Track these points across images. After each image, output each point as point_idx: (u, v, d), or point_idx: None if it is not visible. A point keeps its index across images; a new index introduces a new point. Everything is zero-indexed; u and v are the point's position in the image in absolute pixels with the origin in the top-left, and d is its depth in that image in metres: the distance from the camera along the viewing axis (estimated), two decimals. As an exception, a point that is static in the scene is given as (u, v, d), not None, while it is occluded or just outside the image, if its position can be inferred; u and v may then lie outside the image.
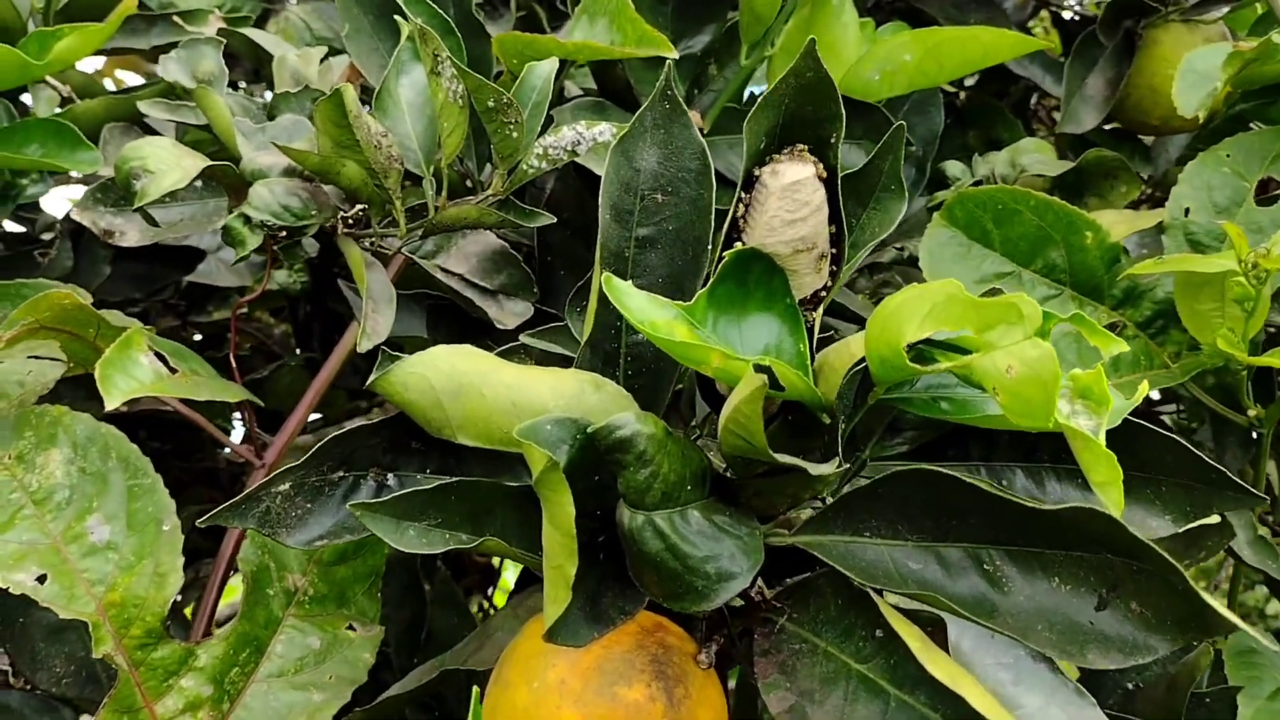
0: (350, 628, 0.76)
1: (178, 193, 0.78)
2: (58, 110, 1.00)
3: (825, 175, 0.57)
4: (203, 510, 0.62)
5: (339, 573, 0.77)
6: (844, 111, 0.57)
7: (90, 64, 1.26)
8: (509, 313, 0.78)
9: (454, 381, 0.61)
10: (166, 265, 1.05)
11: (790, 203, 0.56)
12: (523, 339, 0.77)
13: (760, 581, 0.71)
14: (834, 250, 0.59)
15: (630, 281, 0.64)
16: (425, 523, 0.59)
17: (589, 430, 0.53)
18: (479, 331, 0.82)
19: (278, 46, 0.88)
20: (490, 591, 1.54)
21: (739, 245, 0.58)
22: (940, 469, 0.53)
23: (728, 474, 0.58)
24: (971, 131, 1.17)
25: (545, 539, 0.55)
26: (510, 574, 1.68)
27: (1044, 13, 1.56)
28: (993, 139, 1.15)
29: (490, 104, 0.64)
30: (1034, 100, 1.52)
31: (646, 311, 0.56)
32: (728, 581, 0.54)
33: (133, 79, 1.38)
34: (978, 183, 1.00)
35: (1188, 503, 0.64)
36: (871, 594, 0.54)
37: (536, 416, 0.57)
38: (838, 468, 0.54)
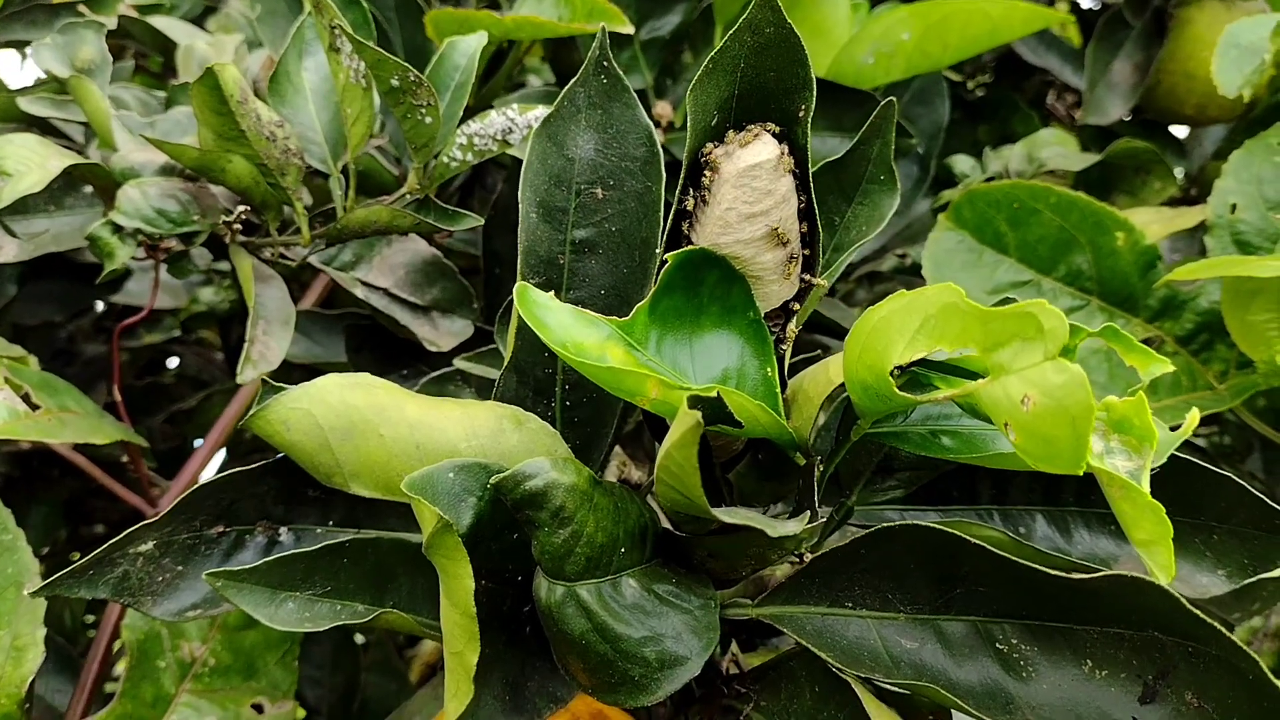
0: (258, 706, 0.65)
1: (63, 200, 0.68)
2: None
3: (793, 159, 0.46)
4: None
5: (247, 639, 0.67)
6: (815, 80, 0.46)
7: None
8: (444, 332, 0.67)
9: (345, 419, 0.50)
10: (87, 284, 0.94)
11: (749, 192, 0.45)
12: (457, 363, 0.66)
13: (735, 649, 0.60)
14: (806, 252, 0.48)
15: (565, 294, 0.53)
16: (309, 592, 0.49)
17: (493, 479, 0.42)
18: (410, 354, 0.71)
19: (186, 35, 0.78)
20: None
21: (688, 246, 0.47)
22: (937, 526, 0.41)
23: (676, 530, 0.47)
24: (982, 125, 1.06)
25: (443, 619, 0.44)
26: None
27: (1060, 5, 1.45)
28: (1007, 134, 1.04)
29: (394, 83, 0.54)
30: (1051, 98, 1.41)
31: (570, 331, 0.45)
32: (673, 669, 0.43)
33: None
34: (989, 180, 0.88)
35: (1245, 554, 0.53)
36: (853, 684, 0.43)
37: (445, 460, 0.46)
38: (809, 523, 0.43)
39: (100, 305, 0.98)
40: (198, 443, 1.14)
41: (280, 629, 0.47)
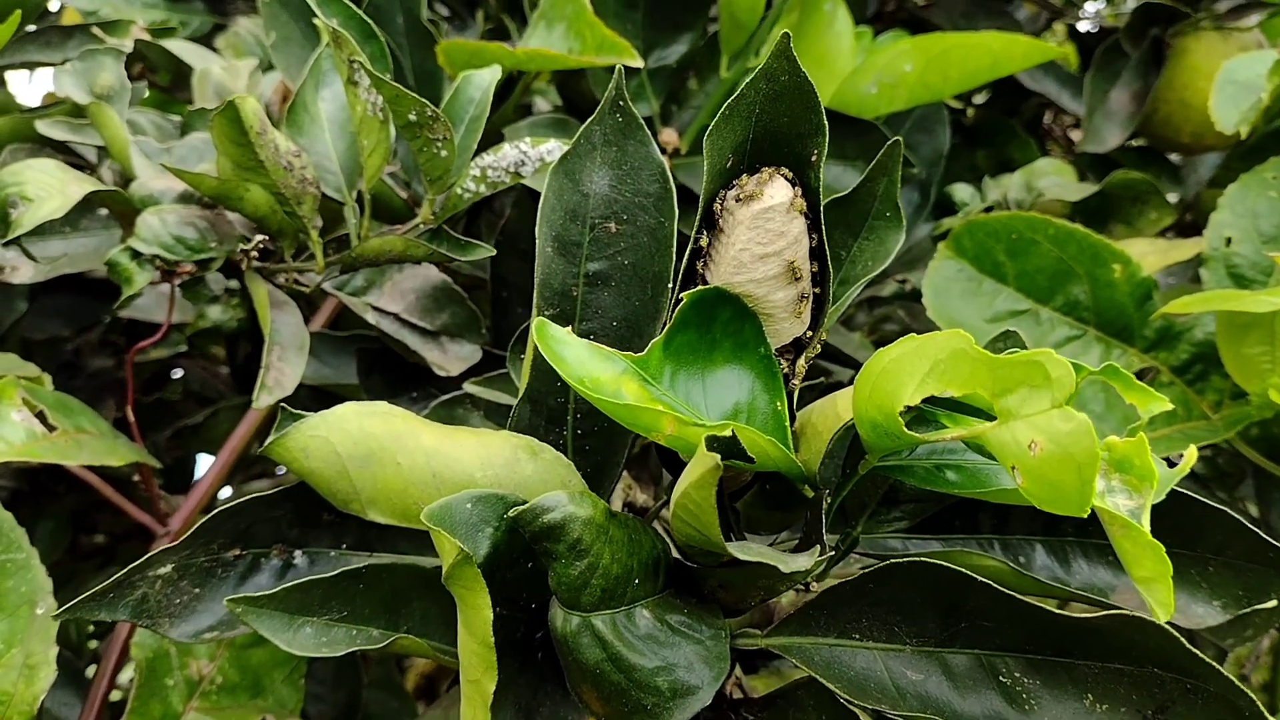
0: (266, 722, 0.66)
1: (79, 221, 0.69)
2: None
3: (805, 201, 0.47)
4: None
5: (254, 657, 0.67)
6: (827, 125, 0.47)
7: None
8: (453, 357, 0.68)
9: (363, 447, 0.51)
10: (95, 299, 0.95)
11: (762, 234, 0.46)
12: (466, 388, 0.67)
13: (739, 672, 0.61)
14: (817, 290, 0.49)
15: (578, 325, 0.54)
16: (326, 617, 0.50)
17: (511, 512, 0.43)
18: (420, 378, 0.72)
19: (201, 59, 0.79)
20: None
21: (701, 285, 0.48)
22: (944, 564, 0.42)
23: (688, 561, 0.48)
24: (981, 151, 1.07)
25: (461, 647, 0.45)
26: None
27: (1058, 26, 1.47)
28: (1004, 160, 1.05)
29: (411, 118, 0.55)
30: (1048, 119, 1.42)
31: (587, 366, 0.46)
32: (685, 698, 0.44)
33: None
34: (988, 209, 0.90)
35: (1239, 586, 0.54)
36: (860, 715, 0.44)
37: (459, 490, 0.47)
38: (819, 556, 0.44)
39: (106, 319, 0.99)
40: (200, 457, 1.15)
41: (300, 654, 0.48)
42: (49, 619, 0.59)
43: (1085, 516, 0.38)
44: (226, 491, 1.03)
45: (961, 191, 0.88)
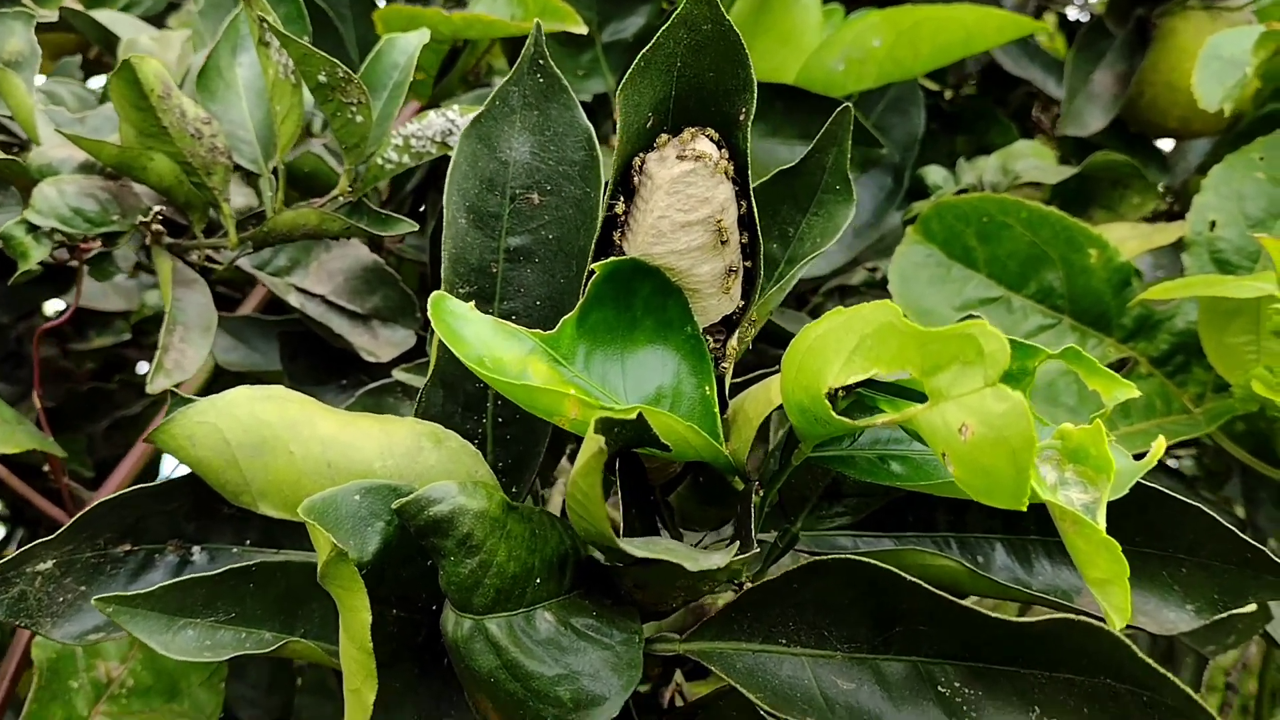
0: (178, 730, 0.62)
1: (-9, 198, 0.65)
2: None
3: (733, 165, 0.43)
4: None
5: (170, 660, 0.63)
6: (756, 80, 0.43)
7: None
8: (384, 342, 0.64)
9: (255, 434, 0.47)
10: (39, 284, 0.91)
11: (683, 199, 0.42)
12: (396, 375, 0.63)
13: (680, 679, 0.57)
14: (748, 264, 0.45)
15: (498, 305, 0.50)
16: (211, 619, 0.46)
17: (395, 504, 0.39)
18: (349, 363, 0.68)
19: (131, 29, 0.75)
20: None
21: (618, 256, 0.44)
22: (873, 562, 0.38)
23: (604, 559, 0.44)
24: (961, 137, 1.03)
25: (342, 654, 0.41)
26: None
27: (1048, 17, 1.43)
28: (985, 146, 1.01)
29: (322, 79, 0.51)
30: (1036, 111, 1.38)
31: (489, 344, 0.42)
32: (589, 710, 0.40)
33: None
34: (961, 192, 0.86)
35: (1215, 588, 0.50)
36: (786, 732, 0.40)
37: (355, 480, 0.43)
38: (741, 553, 0.40)
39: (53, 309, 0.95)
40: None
41: (179, 659, 0.44)
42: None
43: (1023, 509, 0.34)
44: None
45: (935, 174, 0.84)
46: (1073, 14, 1.37)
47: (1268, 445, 0.70)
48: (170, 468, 1.21)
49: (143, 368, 1.17)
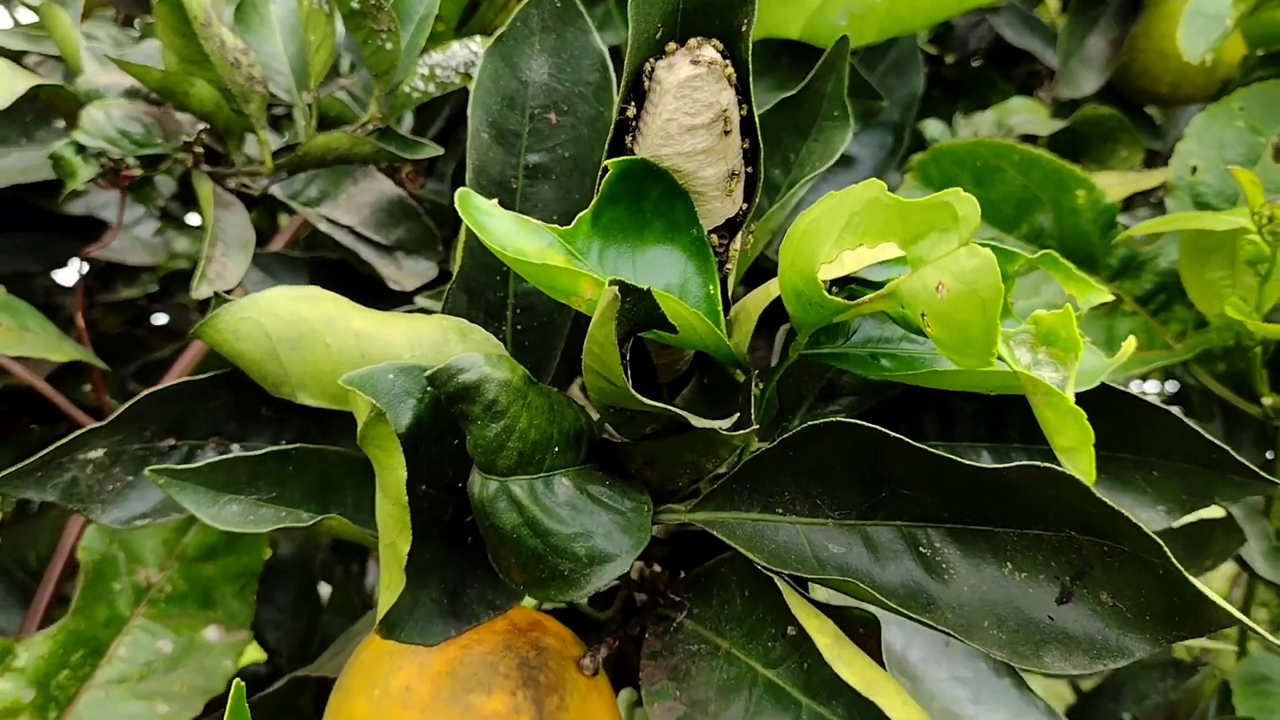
0: (211, 633, 0.65)
1: (35, 133, 0.69)
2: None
3: (736, 73, 0.47)
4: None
5: (205, 570, 0.67)
6: (758, -3, 0.47)
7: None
8: (408, 273, 0.68)
9: (293, 329, 0.51)
10: (67, 236, 0.95)
11: (690, 103, 0.46)
12: (419, 300, 0.66)
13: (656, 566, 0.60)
14: (749, 169, 0.49)
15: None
16: (254, 496, 0.50)
17: (426, 372, 0.43)
18: (374, 293, 0.72)
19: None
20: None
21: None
22: (862, 424, 0.42)
23: (614, 436, 0.48)
24: (962, 101, 1.06)
25: (378, 511, 0.44)
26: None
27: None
28: (984, 109, 1.04)
29: (354, 5, 0.54)
30: (1042, 90, 1.42)
31: (512, 237, 0.45)
32: (602, 565, 0.43)
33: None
34: (958, 144, 0.89)
35: (1184, 490, 0.53)
36: (778, 581, 0.44)
37: (390, 364, 0.47)
38: (742, 429, 0.43)
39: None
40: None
41: (224, 528, 0.48)
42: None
43: (991, 365, 0.38)
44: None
45: (933, 128, 0.88)
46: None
47: (1246, 383, 0.74)
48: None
49: (160, 319, 1.21)
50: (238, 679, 0.39)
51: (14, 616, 0.75)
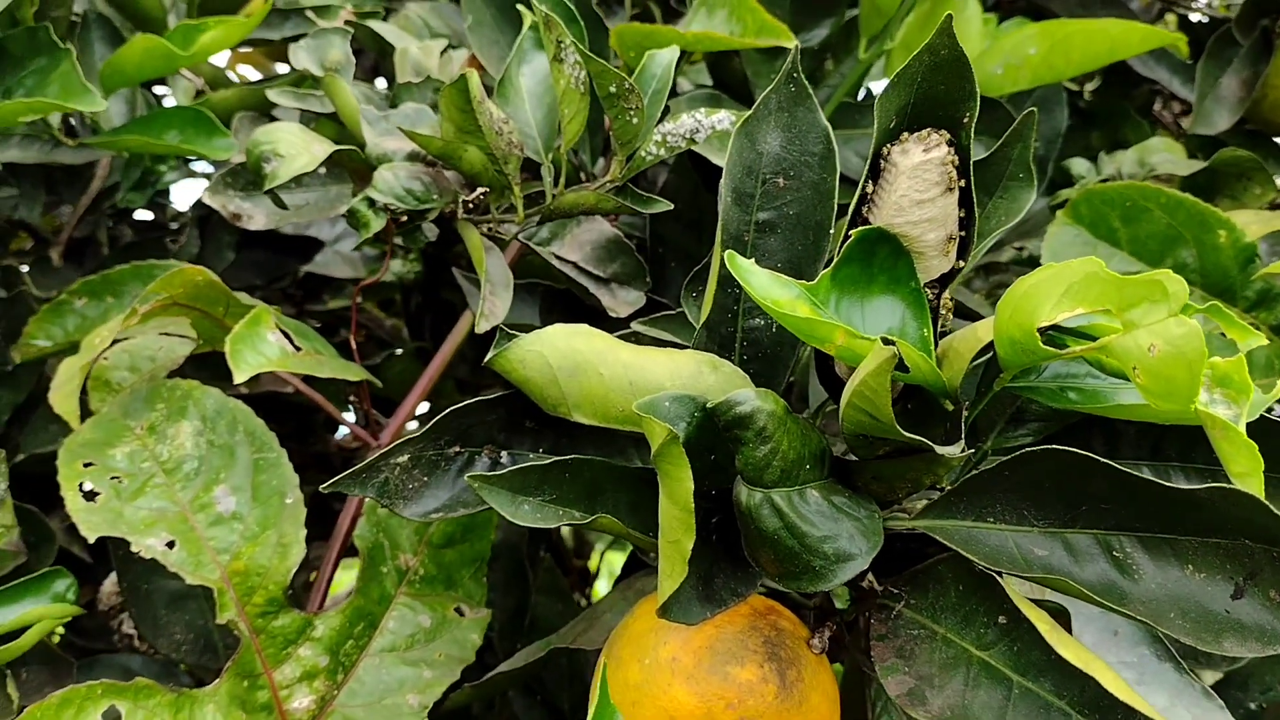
0: (458, 610, 0.77)
1: (303, 179, 0.81)
2: (195, 99, 1.03)
3: (957, 156, 0.56)
4: (316, 493, 0.64)
5: (447, 556, 0.78)
6: (979, 92, 0.56)
7: (217, 59, 1.29)
8: (621, 301, 0.78)
9: (571, 360, 0.61)
10: (286, 254, 1.08)
11: (920, 182, 0.55)
12: (634, 326, 0.77)
13: (870, 574, 0.70)
14: (963, 234, 0.58)
15: (750, 263, 0.64)
16: (540, 498, 0.60)
17: (708, 406, 0.53)
18: (591, 319, 0.82)
19: (400, 39, 0.90)
20: (586, 591, 1.54)
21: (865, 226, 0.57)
22: (1072, 450, 0.51)
23: (846, 457, 0.58)
24: (1096, 132, 1.14)
25: (662, 514, 0.54)
26: (603, 583, 1.69)
27: (1169, 16, 1.52)
28: (1118, 140, 1.12)
29: (612, 89, 0.65)
30: (1158, 106, 1.48)
31: (769, 289, 0.55)
32: (846, 562, 0.53)
33: (253, 75, 1.43)
34: (1104, 181, 0.97)
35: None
36: (998, 579, 0.53)
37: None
38: (962, 451, 0.53)
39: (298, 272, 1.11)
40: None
41: (520, 524, 0.59)
42: (298, 506, 0.71)
43: (1192, 410, 0.47)
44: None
45: (1079, 165, 0.96)
46: (1195, 16, 1.47)
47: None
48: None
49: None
50: (604, 660, 0.49)
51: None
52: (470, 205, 0.71)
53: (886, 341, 0.49)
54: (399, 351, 1.14)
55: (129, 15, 0.94)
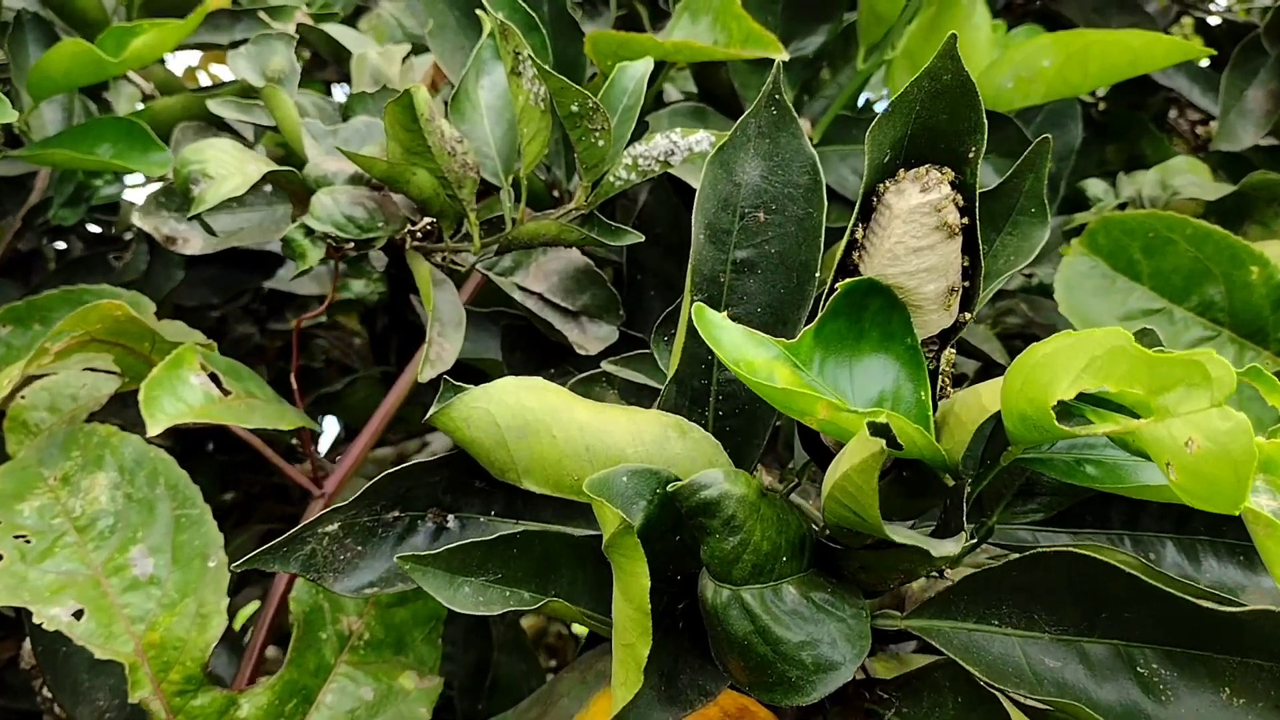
0: (409, 680, 0.69)
1: (244, 197, 0.73)
2: (139, 107, 0.96)
3: (961, 196, 0.49)
4: (271, 530, 0.56)
5: (397, 616, 0.71)
6: (987, 123, 0.48)
7: (187, 59, 1.22)
8: (591, 337, 0.71)
9: (521, 419, 0.54)
10: (244, 270, 1.00)
11: (917, 228, 0.48)
12: (605, 366, 0.69)
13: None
14: (966, 284, 0.51)
15: (725, 310, 0.56)
16: (483, 578, 0.53)
17: (670, 487, 0.45)
18: (559, 355, 0.75)
19: (358, 44, 0.83)
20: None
21: (854, 276, 0.50)
22: (1091, 554, 0.44)
23: (830, 542, 0.50)
24: (1111, 146, 1.06)
25: (615, 612, 0.47)
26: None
27: (1185, 19, 1.44)
28: (1135, 154, 1.04)
29: (574, 108, 0.57)
30: (1173, 114, 1.40)
31: (742, 350, 0.48)
32: (827, 673, 0.46)
33: (227, 76, 1.35)
34: (1121, 205, 0.90)
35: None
36: (1001, 700, 0.46)
37: (612, 464, 0.50)
38: (963, 544, 0.46)
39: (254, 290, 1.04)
40: (326, 421, 1.20)
41: (459, 610, 0.51)
42: (221, 570, 0.64)
43: (1237, 514, 0.39)
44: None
45: (1095, 187, 0.88)
46: (1214, 19, 1.39)
47: None
48: (329, 436, 1.30)
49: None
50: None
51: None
52: (420, 234, 0.64)
53: (874, 428, 0.41)
54: (366, 376, 1.07)
55: (67, 17, 0.86)
